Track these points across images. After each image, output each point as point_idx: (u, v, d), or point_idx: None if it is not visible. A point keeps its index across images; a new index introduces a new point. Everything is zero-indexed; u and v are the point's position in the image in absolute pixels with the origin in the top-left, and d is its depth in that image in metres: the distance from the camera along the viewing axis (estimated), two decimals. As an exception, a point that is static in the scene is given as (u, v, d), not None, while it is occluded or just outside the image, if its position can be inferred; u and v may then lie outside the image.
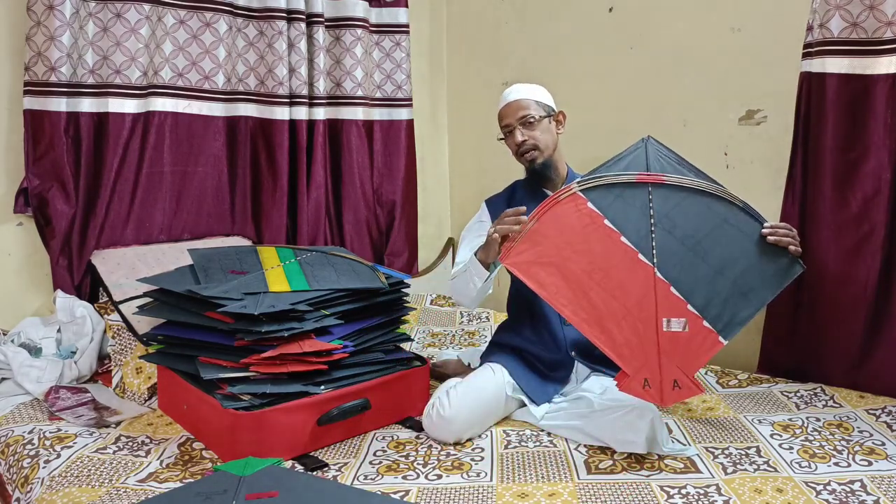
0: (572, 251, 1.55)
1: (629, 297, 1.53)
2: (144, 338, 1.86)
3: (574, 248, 1.55)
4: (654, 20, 2.47)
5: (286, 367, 1.58)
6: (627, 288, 1.53)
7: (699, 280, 1.54)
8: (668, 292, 1.53)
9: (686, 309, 1.53)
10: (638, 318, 1.52)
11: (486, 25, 3.08)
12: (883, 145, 1.83)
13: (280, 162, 2.58)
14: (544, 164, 1.87)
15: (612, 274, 1.54)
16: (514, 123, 1.86)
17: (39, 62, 2.10)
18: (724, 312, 1.54)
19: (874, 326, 1.90)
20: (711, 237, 1.57)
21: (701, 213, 1.58)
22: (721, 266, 1.56)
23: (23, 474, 1.54)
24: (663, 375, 1.50)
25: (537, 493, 1.40)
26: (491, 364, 1.81)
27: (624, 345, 1.52)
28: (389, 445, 1.64)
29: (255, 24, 2.54)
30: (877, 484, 1.40)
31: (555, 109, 1.92)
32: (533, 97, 1.88)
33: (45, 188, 2.16)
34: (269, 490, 1.34)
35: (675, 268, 1.54)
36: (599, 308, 1.53)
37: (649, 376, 1.50)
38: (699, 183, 1.59)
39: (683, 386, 1.51)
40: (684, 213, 1.57)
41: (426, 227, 3.20)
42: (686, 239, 1.56)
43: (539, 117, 1.86)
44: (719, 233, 1.57)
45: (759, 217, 1.60)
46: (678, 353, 1.52)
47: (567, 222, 1.55)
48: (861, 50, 1.84)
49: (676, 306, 1.52)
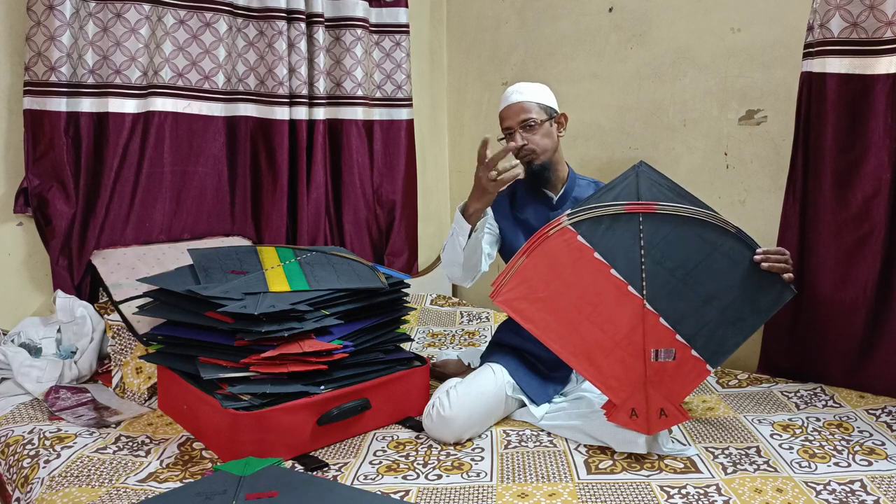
0: (562, 285, 1.56)
1: (618, 329, 1.54)
2: (144, 338, 1.86)
3: (564, 282, 1.56)
4: (654, 20, 2.47)
5: (286, 367, 1.58)
6: (616, 321, 1.54)
7: (688, 310, 1.55)
8: (657, 323, 1.54)
9: (675, 339, 1.54)
10: (626, 351, 1.53)
11: (486, 25, 3.08)
12: (883, 145, 1.83)
13: (280, 162, 2.58)
14: (542, 167, 1.86)
15: (601, 307, 1.55)
16: (515, 126, 1.85)
17: (39, 62, 2.10)
18: (713, 341, 1.55)
19: (874, 326, 1.90)
20: (701, 267, 1.57)
21: (692, 243, 1.57)
22: (710, 296, 1.56)
23: (23, 474, 1.54)
24: (650, 405, 1.52)
25: (537, 493, 1.40)
26: (491, 364, 1.81)
27: (611, 376, 1.54)
28: (389, 445, 1.64)
29: (255, 24, 2.54)
30: (877, 484, 1.40)
31: (557, 111, 1.90)
32: (535, 99, 1.86)
33: (45, 188, 2.16)
34: (269, 490, 1.34)
35: (664, 299, 1.55)
36: (588, 341, 1.55)
37: (636, 406, 1.52)
38: (691, 210, 1.59)
39: (670, 414, 1.53)
40: (674, 244, 1.57)
41: (426, 227, 3.20)
42: (676, 270, 1.56)
43: (540, 121, 1.84)
44: (709, 262, 1.57)
45: (752, 243, 1.60)
46: (665, 382, 1.53)
47: (557, 257, 1.56)
48: (861, 50, 1.84)
49: (665, 337, 1.54)
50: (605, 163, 2.65)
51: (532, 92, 1.87)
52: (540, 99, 1.87)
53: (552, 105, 1.89)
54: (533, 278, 1.56)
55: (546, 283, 1.56)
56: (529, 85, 1.90)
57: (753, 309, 1.58)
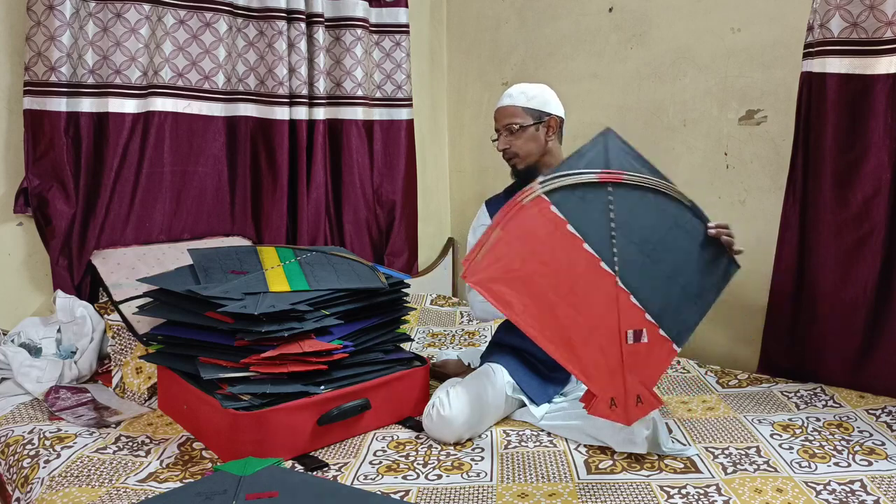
0: (538, 262, 1.44)
1: (593, 310, 1.45)
2: (144, 338, 1.86)
3: (540, 259, 1.44)
4: (654, 20, 2.47)
5: (286, 367, 1.58)
6: (592, 300, 1.45)
7: (655, 287, 1.48)
8: (628, 301, 1.46)
9: (644, 318, 1.46)
10: (602, 335, 1.44)
11: (486, 25, 3.08)
12: (883, 145, 1.83)
13: (280, 162, 2.58)
14: (525, 170, 1.87)
15: (577, 286, 1.45)
16: (501, 129, 1.88)
17: (39, 62, 2.10)
18: (678, 320, 1.49)
19: (874, 326, 1.90)
20: (664, 242, 1.52)
21: (654, 216, 1.52)
22: (673, 272, 1.51)
23: (23, 474, 1.54)
24: (627, 392, 1.44)
25: (537, 493, 1.40)
26: (491, 364, 1.81)
27: (591, 365, 1.44)
28: (389, 445, 1.64)
29: (255, 24, 2.54)
30: (877, 484, 1.40)
31: (548, 114, 1.87)
32: (522, 103, 1.86)
33: (45, 188, 2.16)
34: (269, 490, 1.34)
35: (634, 275, 1.47)
36: (566, 327, 1.44)
37: (615, 395, 1.43)
38: (654, 181, 1.53)
39: (645, 401, 1.45)
40: (640, 217, 1.51)
41: (426, 227, 3.20)
42: (643, 244, 1.49)
43: (523, 126, 1.84)
44: (670, 237, 1.53)
45: (703, 217, 1.57)
46: (640, 366, 1.45)
47: (531, 230, 1.45)
48: (861, 50, 1.84)
49: (636, 316, 1.46)
50: (605, 163, 2.64)
51: (522, 95, 1.87)
52: (528, 103, 1.86)
53: (543, 108, 1.87)
54: (508, 255, 1.43)
55: (522, 260, 1.43)
56: (523, 87, 1.89)
57: (709, 284, 1.55)
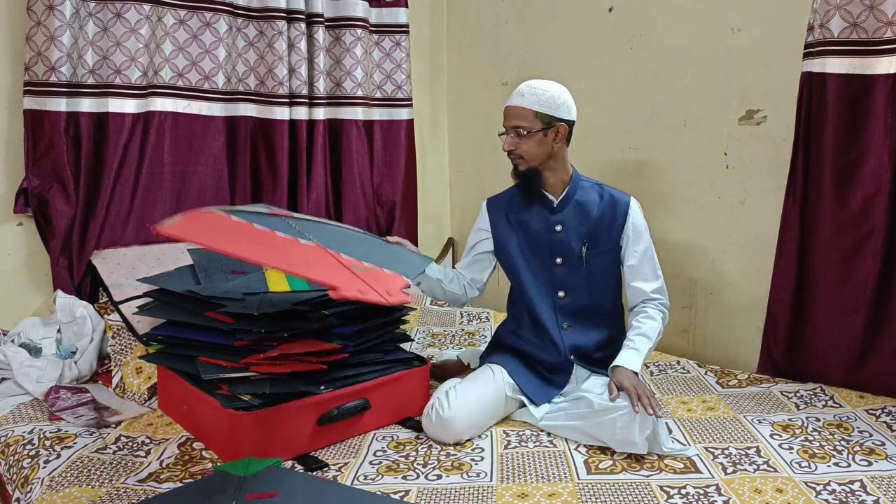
0: (231, 236, 1.40)
1: (308, 256, 1.43)
2: (144, 338, 1.86)
3: (232, 234, 1.41)
4: (654, 20, 2.47)
5: (286, 367, 1.58)
6: (303, 253, 1.43)
7: (359, 254, 1.50)
8: (341, 257, 1.45)
9: (363, 264, 1.47)
10: (327, 265, 1.42)
11: (486, 25, 3.08)
12: (883, 145, 1.83)
13: (280, 162, 2.58)
14: (527, 172, 1.83)
15: (279, 247, 1.42)
16: (508, 129, 1.82)
17: (39, 62, 2.10)
18: (397, 269, 1.50)
19: (874, 326, 1.90)
20: (350, 238, 1.64)
21: (333, 229, 1.66)
22: (367, 251, 1.55)
23: (23, 474, 1.54)
24: (376, 287, 1.37)
25: (537, 493, 1.40)
26: (491, 364, 1.81)
27: (320, 274, 1.38)
28: (389, 445, 1.64)
29: (255, 24, 2.54)
30: (877, 484, 1.40)
31: (559, 120, 1.80)
32: (533, 106, 1.77)
33: (45, 188, 2.16)
34: (269, 490, 1.34)
35: (336, 246, 1.49)
36: (281, 255, 1.40)
37: (360, 288, 1.36)
38: (318, 219, 1.66)
39: (394, 294, 1.38)
40: (321, 229, 1.58)
41: (426, 227, 3.20)
42: (334, 239, 1.54)
43: (531, 131, 1.78)
44: (353, 238, 1.66)
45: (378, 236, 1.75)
46: (376, 282, 1.41)
47: (214, 221, 1.42)
48: (861, 50, 1.84)
49: (353, 263, 1.45)
50: (605, 163, 2.64)
51: (534, 97, 1.78)
52: (539, 106, 1.78)
53: (554, 114, 1.79)
54: (200, 221, 1.41)
55: (215, 230, 1.40)
56: (537, 87, 1.80)
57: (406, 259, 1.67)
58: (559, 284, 1.86)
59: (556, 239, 1.84)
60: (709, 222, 2.37)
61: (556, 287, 1.86)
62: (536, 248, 1.88)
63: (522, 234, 1.90)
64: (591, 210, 1.84)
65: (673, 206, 2.45)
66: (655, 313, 1.83)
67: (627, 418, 1.55)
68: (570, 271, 1.84)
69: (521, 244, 1.90)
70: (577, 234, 1.84)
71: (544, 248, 1.87)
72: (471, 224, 2.04)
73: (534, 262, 1.88)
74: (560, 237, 1.84)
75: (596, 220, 1.84)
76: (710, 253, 2.37)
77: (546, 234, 1.86)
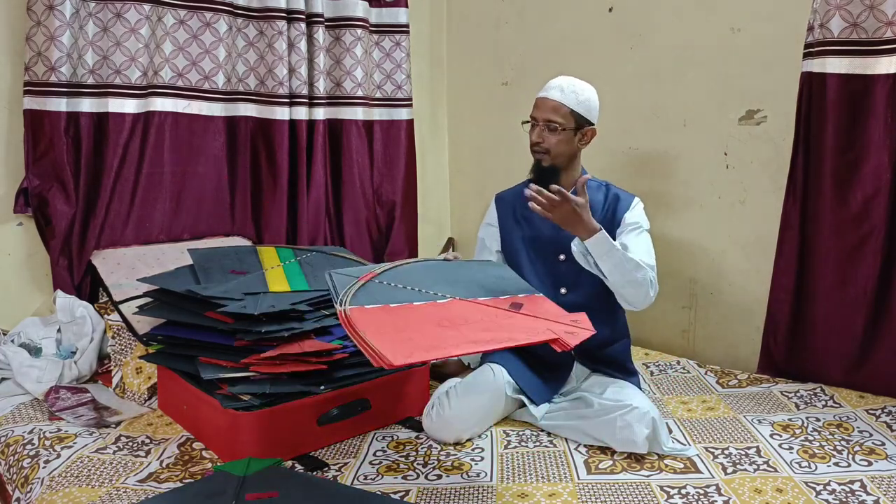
0: (406, 324, 1.36)
1: (475, 318, 1.41)
2: (144, 338, 1.86)
3: (407, 322, 1.37)
4: (654, 20, 2.47)
5: (286, 367, 1.58)
6: (466, 315, 1.40)
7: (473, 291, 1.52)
8: (472, 301, 1.47)
9: (501, 299, 1.50)
10: (497, 319, 1.42)
11: (486, 25, 3.08)
12: (883, 145, 1.83)
13: (280, 162, 2.58)
14: (550, 169, 1.83)
15: (450, 320, 1.39)
16: (540, 121, 1.81)
17: (39, 62, 2.10)
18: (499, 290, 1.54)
19: (874, 326, 1.90)
20: (439, 271, 1.62)
21: (410, 268, 1.60)
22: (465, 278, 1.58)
23: (23, 474, 1.54)
24: (556, 331, 1.38)
25: (537, 493, 1.40)
26: (491, 364, 1.81)
27: (525, 332, 1.38)
28: (389, 445, 1.64)
29: (255, 24, 2.54)
30: (877, 484, 1.40)
31: (591, 123, 1.84)
32: (570, 104, 1.80)
33: (45, 188, 2.16)
34: (269, 490, 1.34)
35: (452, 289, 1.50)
36: (471, 326, 1.37)
37: (551, 328, 1.39)
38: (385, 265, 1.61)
39: (574, 331, 1.40)
40: (409, 272, 1.57)
41: (426, 227, 3.20)
42: (433, 279, 1.54)
43: (565, 128, 1.79)
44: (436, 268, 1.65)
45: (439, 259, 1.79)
46: (538, 312, 1.45)
47: (376, 320, 1.36)
48: (861, 50, 1.84)
49: (500, 303, 1.48)
50: (605, 163, 2.64)
51: (573, 95, 1.81)
52: (577, 105, 1.81)
53: (587, 116, 1.83)
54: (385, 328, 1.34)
55: (396, 327, 1.35)
56: (576, 86, 1.82)
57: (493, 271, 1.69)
58: (562, 281, 1.86)
59: (562, 236, 1.84)
60: (709, 222, 2.37)
61: (559, 283, 1.86)
62: (541, 245, 1.89)
63: (528, 230, 1.91)
64: (596, 210, 1.84)
65: (673, 206, 2.45)
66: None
67: (628, 418, 1.55)
68: (573, 268, 1.83)
69: (526, 239, 1.91)
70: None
71: (549, 245, 1.88)
72: (471, 224, 2.05)
73: (537, 258, 1.89)
74: (565, 234, 1.83)
75: (599, 220, 1.83)
76: (710, 253, 2.37)
77: (552, 231, 1.85)
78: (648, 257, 1.81)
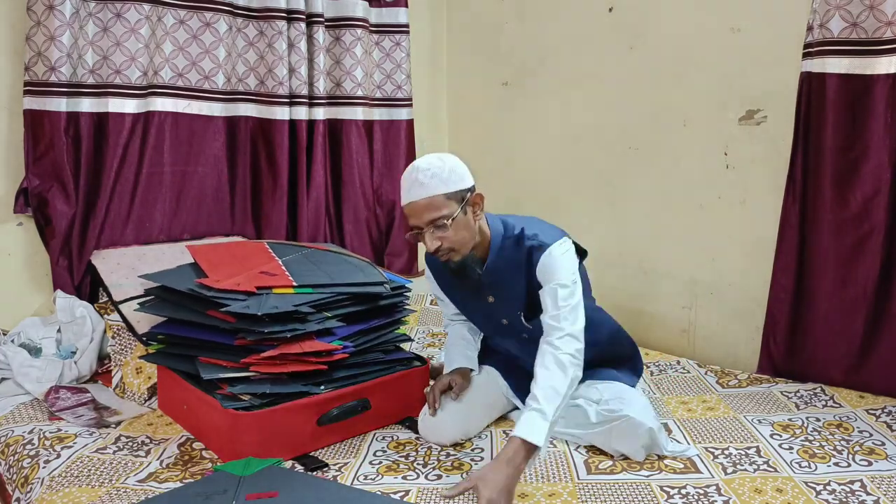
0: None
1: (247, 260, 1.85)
2: (144, 338, 1.86)
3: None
4: (654, 20, 2.47)
5: (286, 367, 1.58)
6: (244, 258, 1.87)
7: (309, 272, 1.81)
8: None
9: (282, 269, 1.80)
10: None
11: (486, 25, 3.08)
12: (883, 145, 1.83)
13: (280, 162, 2.58)
14: (463, 262, 1.60)
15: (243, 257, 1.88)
16: (423, 226, 1.55)
17: (39, 62, 2.10)
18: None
19: (874, 326, 1.90)
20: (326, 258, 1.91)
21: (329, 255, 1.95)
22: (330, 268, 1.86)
23: (23, 474, 1.54)
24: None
25: (537, 493, 1.40)
26: (484, 366, 1.81)
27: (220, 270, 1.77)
28: (389, 445, 1.64)
29: (255, 24, 2.54)
30: (877, 484, 1.40)
31: (469, 189, 1.58)
32: (441, 191, 1.52)
33: (45, 188, 2.16)
34: (269, 490, 1.34)
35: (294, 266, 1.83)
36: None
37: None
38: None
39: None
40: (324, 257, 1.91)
41: (426, 227, 3.19)
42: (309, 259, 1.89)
43: (453, 217, 1.53)
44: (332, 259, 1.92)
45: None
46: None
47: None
48: (861, 50, 1.84)
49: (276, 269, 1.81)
50: (605, 163, 2.65)
51: (436, 179, 1.53)
52: (446, 188, 1.53)
53: (462, 186, 1.56)
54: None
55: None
56: (431, 168, 1.54)
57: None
58: (517, 331, 1.73)
59: (495, 307, 1.72)
60: (709, 222, 2.37)
61: (516, 331, 1.73)
62: (481, 312, 1.77)
63: (462, 294, 1.78)
64: (515, 274, 1.64)
65: (673, 205, 2.45)
66: (553, 362, 1.49)
67: (625, 428, 1.53)
68: (521, 327, 1.71)
69: (468, 301, 1.80)
70: (510, 303, 1.68)
71: (486, 314, 1.76)
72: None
73: (485, 319, 1.79)
74: (496, 306, 1.71)
75: (525, 283, 1.64)
76: (710, 253, 2.37)
77: (483, 304, 1.73)
78: (556, 309, 1.54)
